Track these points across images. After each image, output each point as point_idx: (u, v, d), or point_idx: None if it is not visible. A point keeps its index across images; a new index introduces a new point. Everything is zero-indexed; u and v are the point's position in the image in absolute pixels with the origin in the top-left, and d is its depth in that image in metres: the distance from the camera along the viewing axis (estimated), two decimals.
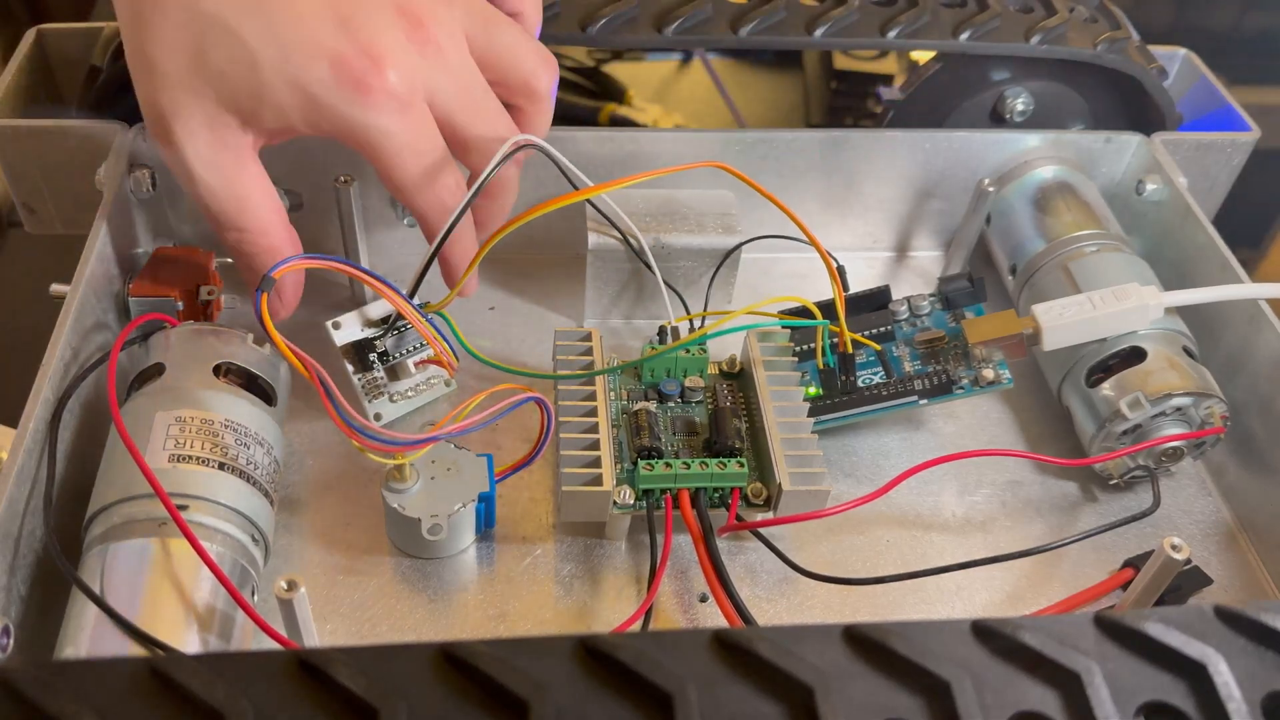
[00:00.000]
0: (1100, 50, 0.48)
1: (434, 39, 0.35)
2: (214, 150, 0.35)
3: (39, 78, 0.48)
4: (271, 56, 0.33)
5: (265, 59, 0.33)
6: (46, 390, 0.35)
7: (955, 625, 0.22)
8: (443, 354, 0.39)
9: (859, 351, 0.42)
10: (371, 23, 0.34)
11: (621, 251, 0.45)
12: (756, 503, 0.38)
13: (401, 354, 0.41)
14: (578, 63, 0.66)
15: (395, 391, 0.42)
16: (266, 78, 0.34)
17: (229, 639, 0.32)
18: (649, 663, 0.21)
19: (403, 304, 0.37)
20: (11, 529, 0.32)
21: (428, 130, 0.36)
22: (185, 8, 0.33)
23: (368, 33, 0.34)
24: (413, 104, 0.35)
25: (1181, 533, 0.42)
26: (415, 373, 0.42)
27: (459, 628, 0.37)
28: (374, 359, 0.41)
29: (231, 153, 0.36)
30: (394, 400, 0.42)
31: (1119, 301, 0.40)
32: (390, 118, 0.35)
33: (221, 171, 0.36)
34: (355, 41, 0.34)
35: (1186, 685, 0.22)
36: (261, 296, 0.34)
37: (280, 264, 0.34)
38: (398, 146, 0.35)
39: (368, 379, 0.41)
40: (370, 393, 0.41)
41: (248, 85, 0.34)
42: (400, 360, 0.41)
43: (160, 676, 0.20)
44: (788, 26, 0.46)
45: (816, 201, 0.50)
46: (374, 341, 0.41)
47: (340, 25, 0.34)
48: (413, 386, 0.42)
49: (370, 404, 0.41)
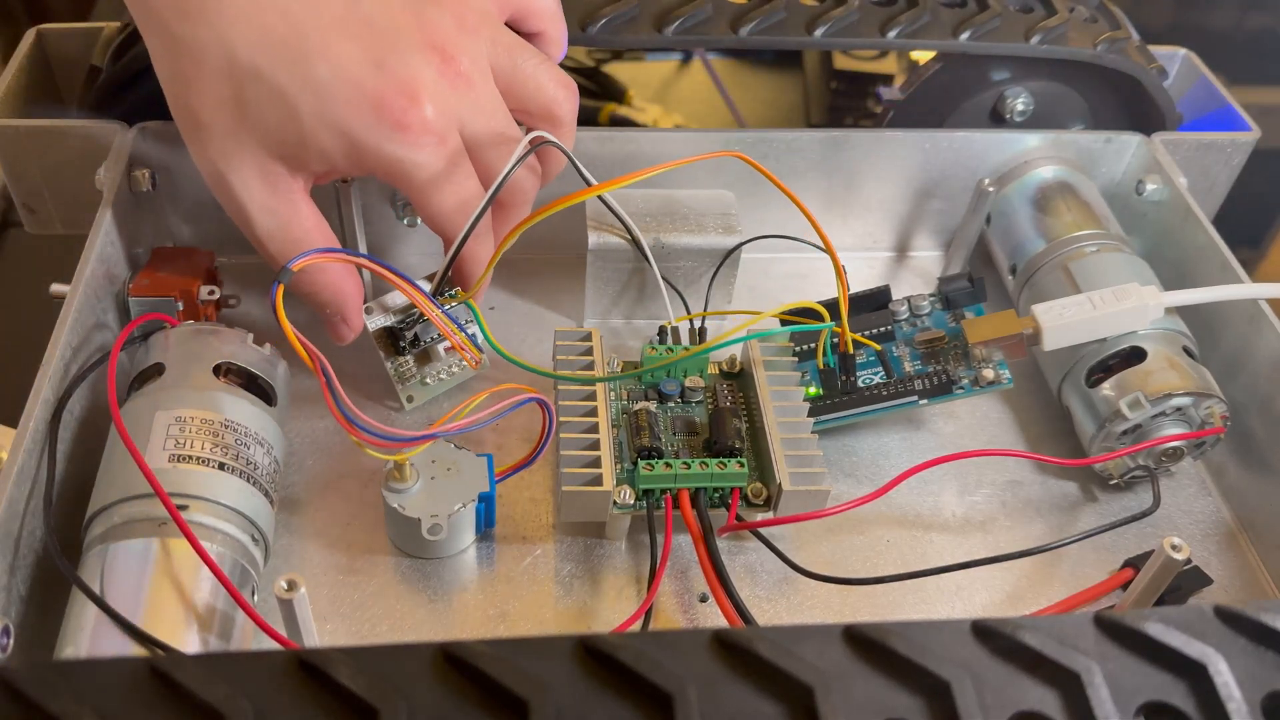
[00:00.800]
0: (1100, 50, 0.48)
1: (463, 72, 0.36)
2: (268, 196, 0.36)
3: (39, 78, 0.48)
4: (311, 104, 0.34)
5: (305, 107, 0.34)
6: (46, 390, 0.35)
7: (955, 625, 0.22)
8: (459, 344, 0.39)
9: (859, 351, 0.42)
10: (406, 62, 0.35)
11: (621, 251, 0.45)
12: (756, 503, 0.38)
13: (431, 339, 0.42)
14: (578, 63, 0.66)
15: (427, 375, 0.43)
16: (309, 125, 0.34)
17: (229, 639, 0.32)
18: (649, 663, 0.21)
19: (420, 298, 0.38)
20: (11, 529, 0.32)
21: (463, 162, 0.37)
22: (223, 61, 0.34)
23: (403, 72, 0.34)
24: (448, 138, 0.36)
25: (1181, 533, 0.42)
26: (445, 356, 0.43)
27: (459, 628, 0.37)
28: (405, 344, 0.42)
29: (284, 197, 0.36)
30: (425, 383, 0.43)
31: (1119, 301, 0.40)
32: (428, 152, 0.35)
33: (277, 216, 0.36)
34: (392, 82, 0.34)
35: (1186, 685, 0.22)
36: (278, 288, 0.34)
37: (299, 257, 0.35)
38: (437, 180, 0.36)
39: (399, 363, 0.42)
40: (402, 377, 0.42)
41: (291, 133, 0.35)
42: (430, 345, 0.42)
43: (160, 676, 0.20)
44: (788, 26, 0.46)
45: (816, 201, 0.50)
46: (403, 328, 0.42)
47: (376, 67, 0.34)
48: (445, 370, 0.43)
49: (402, 387, 0.42)
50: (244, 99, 0.34)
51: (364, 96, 0.34)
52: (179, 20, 0.34)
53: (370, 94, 0.34)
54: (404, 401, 0.42)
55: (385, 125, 0.34)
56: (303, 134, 0.34)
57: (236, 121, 0.35)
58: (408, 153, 0.35)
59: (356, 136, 0.35)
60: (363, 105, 0.34)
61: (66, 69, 0.49)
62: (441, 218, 0.37)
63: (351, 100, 0.34)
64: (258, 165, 0.35)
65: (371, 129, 0.34)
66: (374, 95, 0.34)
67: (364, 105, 0.34)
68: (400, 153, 0.35)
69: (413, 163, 0.35)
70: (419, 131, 0.35)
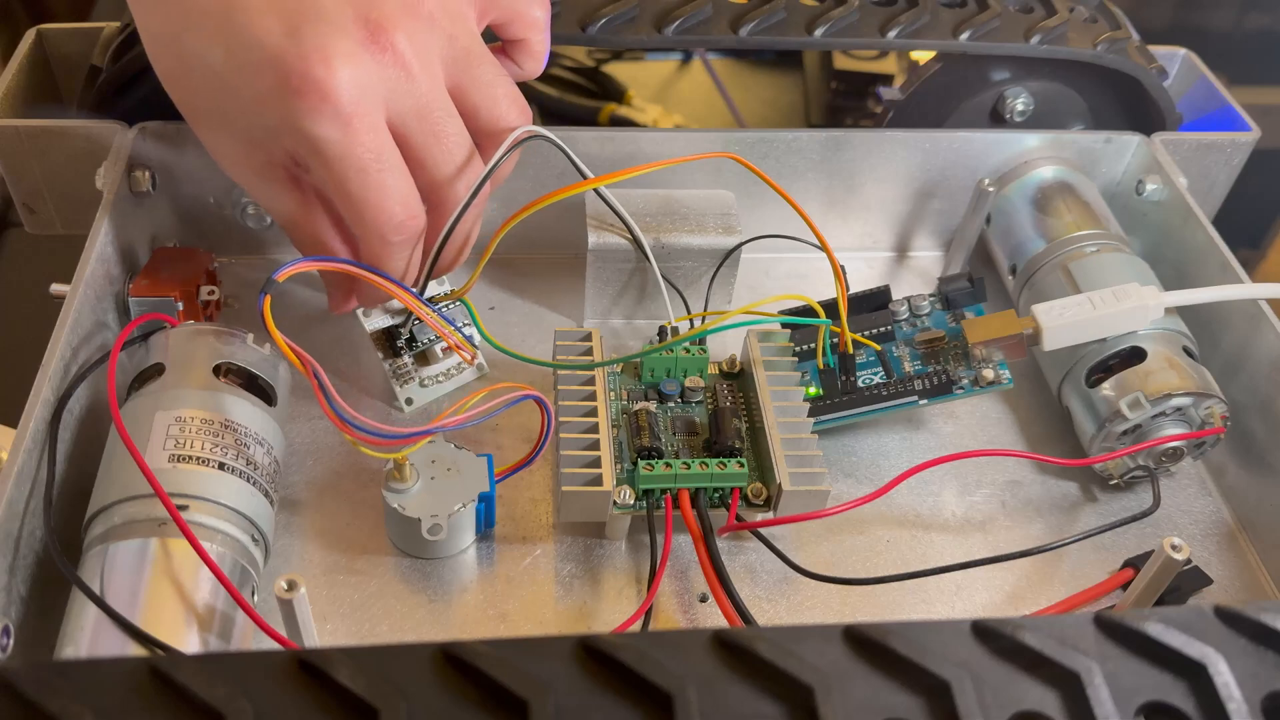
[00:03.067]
0: (1100, 50, 0.48)
1: (395, 48, 0.33)
2: (262, 184, 0.36)
3: (39, 78, 0.48)
4: (239, 81, 0.33)
5: (237, 84, 0.33)
6: (46, 390, 0.35)
7: (955, 625, 0.22)
8: (451, 339, 0.39)
9: (859, 351, 0.42)
10: (320, 30, 0.32)
11: (622, 251, 0.45)
12: (756, 503, 0.38)
13: (429, 339, 0.42)
14: (578, 63, 0.66)
15: (425, 376, 0.43)
16: (245, 104, 0.33)
17: (229, 639, 0.32)
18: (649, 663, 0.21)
19: (410, 299, 0.38)
20: (11, 529, 0.32)
21: (374, 142, 0.34)
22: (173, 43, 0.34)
23: (315, 40, 0.32)
24: (358, 113, 0.33)
25: (1181, 533, 0.42)
26: (444, 358, 0.43)
27: (459, 628, 0.37)
28: (402, 345, 0.42)
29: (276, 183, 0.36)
30: (424, 385, 0.43)
31: (1119, 301, 0.40)
32: (329, 125, 0.32)
33: (280, 203, 0.36)
34: (299, 47, 0.32)
35: (1186, 685, 0.22)
36: (264, 299, 0.34)
37: (284, 267, 0.34)
38: (337, 155, 0.33)
39: (398, 365, 0.42)
40: (400, 379, 0.42)
41: (239, 115, 0.34)
42: (428, 346, 0.42)
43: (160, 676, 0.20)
44: (788, 26, 0.46)
45: (816, 201, 0.50)
46: (400, 329, 0.42)
47: (289, 34, 0.32)
48: (443, 371, 0.43)
49: (400, 389, 0.42)
50: (198, 85, 0.34)
51: (272, 62, 0.32)
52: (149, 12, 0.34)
53: (277, 59, 0.32)
54: (403, 404, 0.42)
55: (287, 93, 0.32)
56: (246, 114, 0.34)
57: (205, 108, 0.35)
58: (304, 122, 0.32)
59: (272, 111, 0.33)
60: (269, 71, 0.32)
61: (66, 69, 0.49)
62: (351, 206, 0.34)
63: (261, 66, 0.32)
64: (239, 152, 0.35)
65: (279, 100, 0.32)
66: (279, 60, 0.32)
67: (270, 71, 0.32)
68: (299, 123, 0.32)
69: (315, 136, 0.32)
70: (316, 99, 0.32)
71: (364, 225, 0.35)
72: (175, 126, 0.44)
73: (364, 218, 0.35)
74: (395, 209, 0.35)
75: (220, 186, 0.46)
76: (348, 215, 0.36)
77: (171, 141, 0.44)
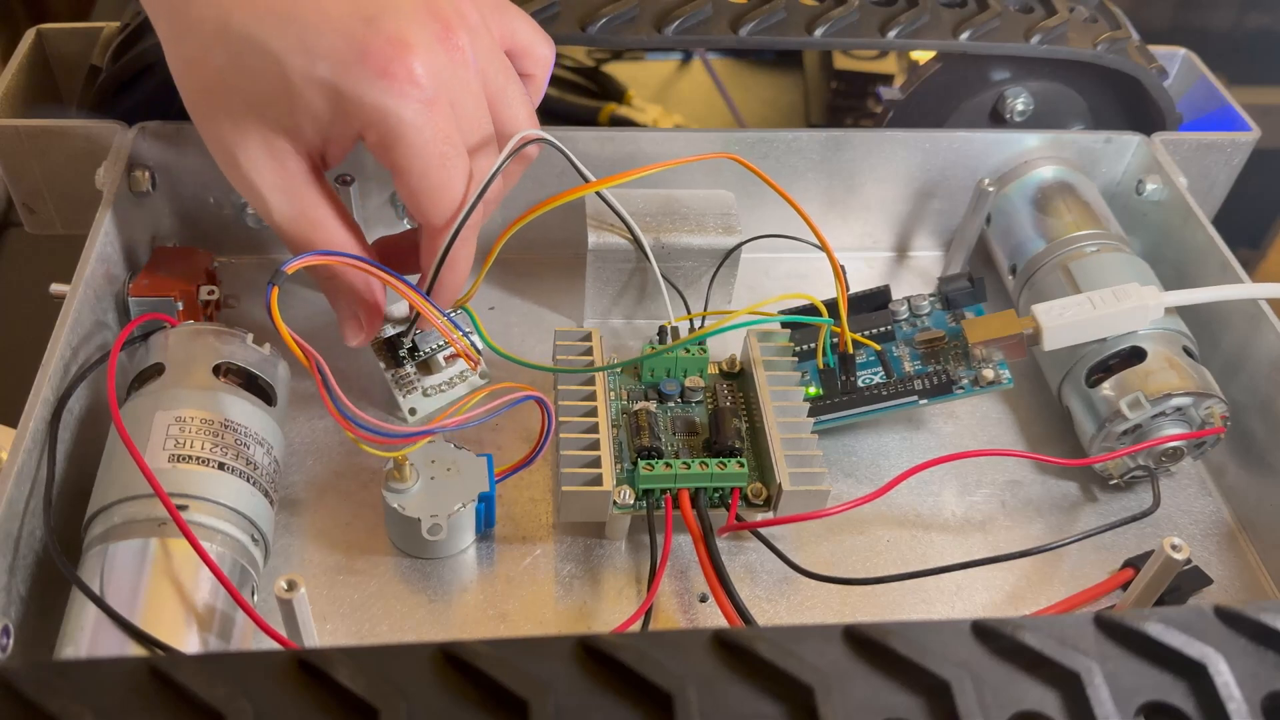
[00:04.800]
0: (1100, 50, 0.48)
1: (462, 48, 0.35)
2: (277, 175, 0.35)
3: (39, 78, 0.48)
4: (300, 64, 0.33)
5: (294, 67, 0.33)
6: (46, 390, 0.35)
7: (955, 625, 0.22)
8: (457, 344, 0.39)
9: (859, 351, 0.42)
10: (401, 17, 0.34)
11: (622, 251, 0.45)
12: (756, 503, 0.38)
13: (431, 349, 0.42)
14: (578, 63, 0.66)
15: (428, 386, 0.42)
16: (297, 85, 0.34)
17: (229, 639, 0.32)
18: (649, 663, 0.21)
19: (419, 300, 0.38)
20: (11, 529, 0.32)
21: (452, 131, 0.35)
22: (221, 34, 0.34)
23: (395, 27, 0.33)
24: (438, 100, 0.34)
25: (1181, 533, 0.42)
26: (446, 366, 0.42)
27: (459, 628, 0.37)
28: (404, 354, 0.42)
29: (293, 176, 0.36)
30: (427, 394, 0.42)
31: (1119, 301, 0.40)
32: (415, 107, 0.34)
33: (290, 197, 0.36)
34: (382, 33, 0.33)
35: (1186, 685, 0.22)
36: (272, 290, 0.34)
37: (292, 260, 0.34)
38: (423, 140, 0.34)
39: (400, 374, 0.42)
40: (403, 388, 0.42)
41: (284, 99, 0.34)
42: (431, 355, 0.42)
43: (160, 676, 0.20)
44: (788, 26, 0.46)
45: (816, 201, 0.50)
46: (402, 337, 0.41)
47: (367, 22, 0.33)
48: (446, 380, 0.43)
49: (404, 399, 0.42)
50: (241, 70, 0.34)
51: (351, 45, 0.33)
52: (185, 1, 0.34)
53: (358, 43, 0.33)
54: (406, 413, 0.42)
55: (370, 71, 0.33)
56: (292, 96, 0.34)
57: (237, 96, 0.34)
58: (393, 102, 0.33)
59: (340, 86, 0.33)
60: (348, 54, 0.33)
61: (66, 69, 0.49)
62: (422, 192, 0.35)
63: (337, 50, 0.33)
64: (263, 142, 0.35)
65: (356, 77, 0.33)
66: (361, 44, 0.33)
67: (350, 54, 0.33)
68: (384, 101, 0.33)
69: (398, 116, 0.34)
70: (405, 80, 0.33)
71: (429, 207, 0.36)
72: (175, 126, 0.44)
73: (430, 200, 0.36)
74: (460, 194, 0.36)
75: (220, 186, 0.46)
76: (414, 198, 0.36)
77: (171, 141, 0.44)
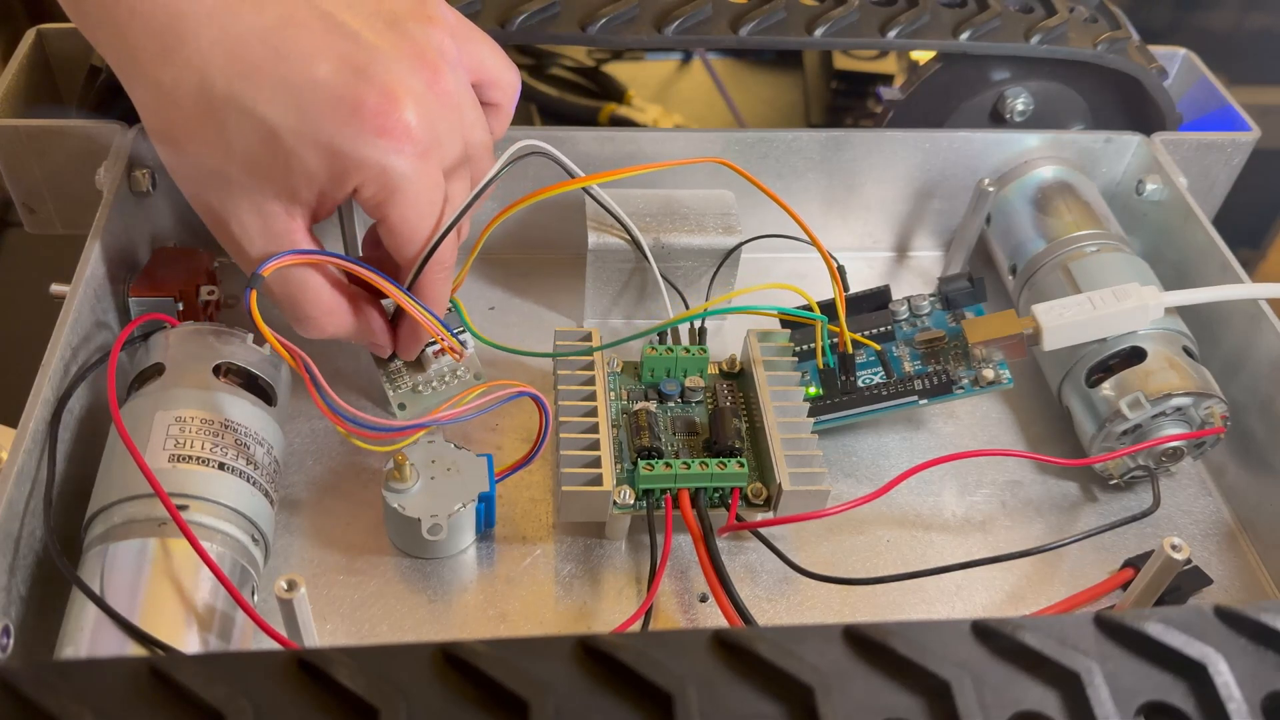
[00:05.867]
0: (1100, 50, 0.48)
1: (449, 91, 0.35)
2: (266, 241, 0.35)
3: (39, 78, 0.48)
4: (291, 123, 0.32)
5: (285, 127, 0.32)
6: (46, 390, 0.35)
7: (955, 625, 0.22)
8: (443, 339, 0.39)
9: (859, 351, 0.42)
10: (391, 69, 0.33)
11: (621, 251, 0.45)
12: (756, 503, 0.38)
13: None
14: (578, 63, 0.66)
15: (420, 382, 0.42)
16: (290, 145, 0.33)
17: (229, 639, 0.32)
18: (649, 663, 0.21)
19: (400, 295, 0.37)
20: (11, 529, 0.32)
21: (440, 177, 0.35)
22: (204, 97, 0.33)
23: (387, 78, 0.33)
24: (430, 152, 0.34)
25: (1181, 533, 0.42)
26: (437, 363, 0.42)
27: (459, 628, 0.37)
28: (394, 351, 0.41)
29: (281, 238, 0.35)
30: (418, 390, 0.42)
31: (1119, 301, 0.40)
32: (410, 162, 0.33)
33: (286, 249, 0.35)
34: (374, 86, 0.33)
35: (1186, 685, 0.22)
36: (251, 293, 0.34)
37: (270, 260, 0.34)
38: (415, 192, 0.34)
39: (390, 370, 0.42)
40: (394, 384, 0.42)
41: (277, 161, 0.33)
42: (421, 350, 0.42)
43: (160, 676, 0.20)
44: (788, 26, 0.46)
45: (816, 201, 0.50)
46: None
47: (357, 74, 0.33)
48: (437, 377, 0.43)
49: (394, 394, 0.42)
50: (226, 132, 0.33)
51: (343, 102, 0.32)
52: (160, 65, 0.33)
53: (350, 99, 0.32)
54: (395, 409, 0.42)
55: (367, 130, 0.33)
56: (287, 157, 0.33)
57: (226, 160, 0.33)
58: (391, 160, 0.33)
59: (336, 145, 0.33)
60: (342, 110, 0.32)
61: (66, 69, 0.49)
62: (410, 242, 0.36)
63: (330, 107, 0.32)
64: (254, 207, 0.34)
65: (351, 135, 0.33)
66: (354, 99, 0.32)
67: (343, 110, 0.32)
68: (383, 159, 0.33)
69: (396, 172, 0.33)
70: (401, 137, 0.33)
71: (411, 249, 0.36)
72: None
73: (413, 244, 0.36)
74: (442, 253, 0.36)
75: None
76: (400, 244, 0.36)
77: None
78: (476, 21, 0.41)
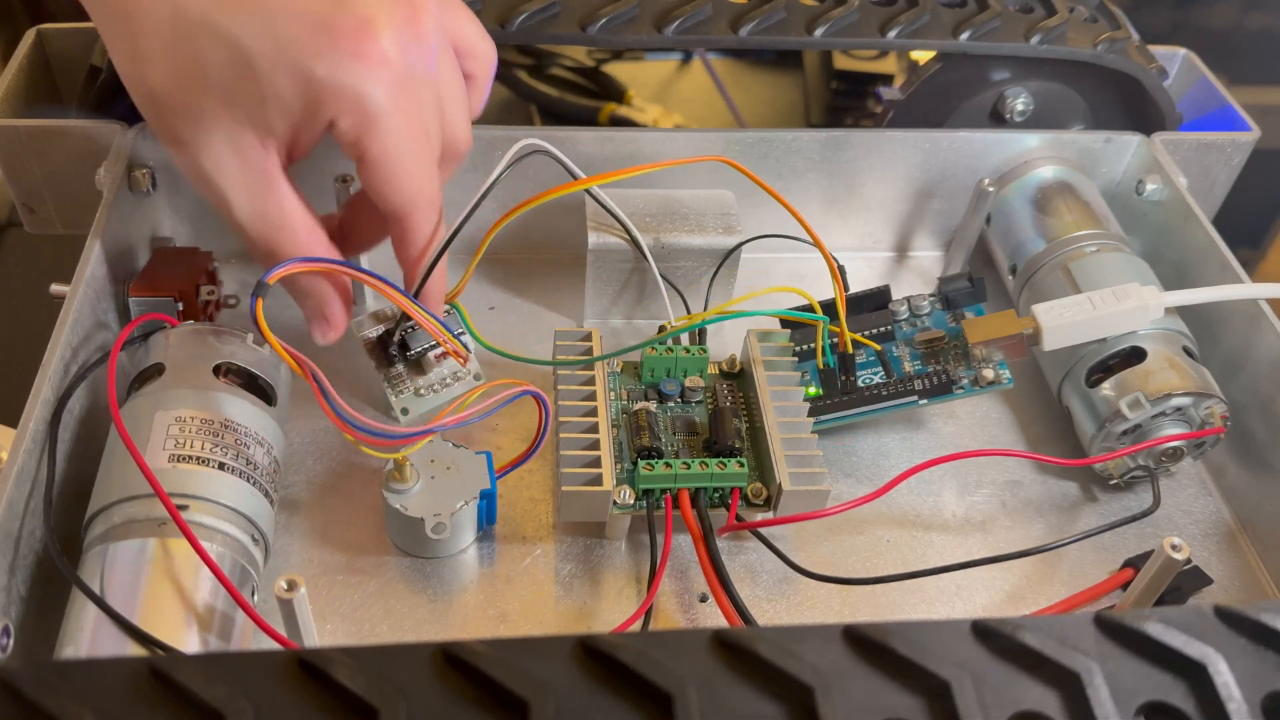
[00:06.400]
0: (1100, 50, 0.48)
1: (427, 34, 0.34)
2: (241, 171, 0.34)
3: (39, 78, 0.48)
4: (267, 49, 0.32)
5: (260, 52, 0.32)
6: (46, 390, 0.35)
7: (955, 625, 0.22)
8: (448, 344, 0.39)
9: (859, 351, 0.42)
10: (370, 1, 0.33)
11: (621, 251, 0.45)
12: (756, 503, 0.38)
13: (422, 347, 0.42)
14: (578, 63, 0.66)
15: (421, 385, 0.42)
16: (265, 72, 0.32)
17: (229, 639, 0.32)
18: (649, 663, 0.21)
19: (404, 300, 0.37)
20: (11, 529, 0.32)
21: (420, 115, 0.34)
22: (175, 23, 0.32)
23: (365, 8, 0.32)
24: (409, 82, 0.33)
25: (1181, 533, 0.42)
26: (438, 366, 0.42)
27: (459, 628, 0.37)
28: (394, 352, 0.41)
29: (258, 172, 0.34)
30: (420, 394, 0.42)
31: (1119, 301, 0.40)
32: (388, 89, 0.33)
33: (254, 196, 0.34)
34: (351, 14, 0.32)
35: (1186, 685, 0.22)
36: (256, 301, 0.34)
37: (276, 269, 0.34)
38: (395, 123, 0.33)
39: (392, 374, 0.42)
40: (395, 388, 0.42)
41: (250, 88, 0.33)
42: (422, 354, 0.42)
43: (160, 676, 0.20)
44: (788, 26, 0.46)
45: (816, 201, 0.50)
46: (390, 335, 0.41)
47: (334, 3, 0.32)
48: (439, 380, 0.43)
49: (396, 399, 0.42)
50: (200, 59, 0.32)
51: (320, 27, 0.32)
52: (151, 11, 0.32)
53: (327, 24, 0.32)
54: (398, 413, 0.42)
55: (343, 54, 0.32)
56: (260, 85, 0.32)
57: (197, 88, 0.33)
58: (368, 85, 0.32)
59: (311, 71, 0.32)
60: (318, 36, 0.32)
61: (66, 69, 0.49)
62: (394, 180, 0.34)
63: (306, 32, 0.32)
64: (226, 136, 0.33)
65: (327, 61, 0.32)
66: (330, 25, 0.32)
67: (320, 36, 0.32)
68: (359, 84, 0.32)
69: (372, 98, 0.33)
70: (378, 62, 0.32)
71: (399, 192, 0.35)
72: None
73: (400, 186, 0.35)
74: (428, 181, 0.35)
75: None
76: (385, 184, 0.35)
77: None
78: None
